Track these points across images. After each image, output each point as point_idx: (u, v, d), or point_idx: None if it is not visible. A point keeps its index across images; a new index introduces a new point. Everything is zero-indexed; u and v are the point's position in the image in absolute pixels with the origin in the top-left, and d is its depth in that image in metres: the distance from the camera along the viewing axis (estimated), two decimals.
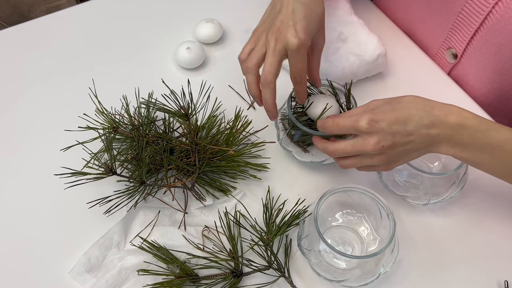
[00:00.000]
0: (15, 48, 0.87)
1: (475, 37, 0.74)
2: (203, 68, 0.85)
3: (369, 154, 0.56)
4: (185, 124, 0.68)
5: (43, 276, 0.64)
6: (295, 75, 0.62)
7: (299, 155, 0.71)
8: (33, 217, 0.68)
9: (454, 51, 0.80)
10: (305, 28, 0.60)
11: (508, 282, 0.64)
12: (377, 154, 0.56)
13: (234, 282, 0.61)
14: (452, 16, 0.76)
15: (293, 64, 0.61)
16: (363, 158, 0.58)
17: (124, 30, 0.90)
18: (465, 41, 0.76)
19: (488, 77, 0.76)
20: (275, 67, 0.60)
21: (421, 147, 0.57)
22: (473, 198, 0.71)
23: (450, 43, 0.80)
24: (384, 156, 0.57)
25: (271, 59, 0.60)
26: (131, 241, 0.66)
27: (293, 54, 0.60)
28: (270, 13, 0.64)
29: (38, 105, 0.80)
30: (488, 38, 0.72)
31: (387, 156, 0.57)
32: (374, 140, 0.55)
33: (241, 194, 0.70)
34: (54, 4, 1.25)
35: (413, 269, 0.65)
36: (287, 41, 0.59)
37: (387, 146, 0.55)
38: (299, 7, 0.60)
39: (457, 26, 0.76)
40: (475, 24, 0.73)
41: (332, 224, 0.67)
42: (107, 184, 0.67)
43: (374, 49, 0.78)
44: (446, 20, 0.78)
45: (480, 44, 0.74)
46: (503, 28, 0.68)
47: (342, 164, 0.60)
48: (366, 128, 0.55)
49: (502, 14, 0.67)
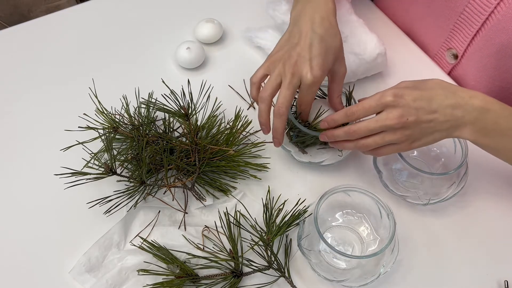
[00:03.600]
0: (15, 48, 0.87)
1: (476, 38, 0.74)
2: (203, 68, 0.85)
3: (392, 129, 0.57)
4: (185, 124, 0.68)
5: (43, 276, 0.64)
6: (301, 106, 0.64)
7: (298, 155, 0.71)
8: (33, 217, 0.68)
9: (454, 52, 0.80)
10: (320, 65, 0.61)
11: (508, 282, 0.64)
12: (400, 128, 0.57)
13: (234, 282, 0.61)
14: (453, 16, 0.76)
15: (302, 96, 0.63)
16: (386, 134, 0.58)
17: (124, 30, 0.90)
18: (466, 42, 0.76)
19: (489, 77, 0.76)
20: (289, 100, 0.61)
21: (444, 128, 0.57)
22: (473, 198, 0.71)
23: (450, 43, 0.80)
24: (407, 132, 0.57)
25: (286, 92, 0.61)
26: (131, 241, 0.66)
27: (306, 88, 0.61)
28: (287, 42, 0.64)
29: (38, 105, 0.80)
30: (489, 38, 0.71)
31: (410, 132, 0.57)
32: (398, 113, 0.56)
33: (241, 194, 0.70)
34: (54, 4, 1.25)
35: (413, 269, 0.65)
36: (302, 76, 0.60)
37: (411, 121, 0.56)
38: (316, 41, 0.62)
39: (458, 26, 0.76)
40: (476, 24, 0.73)
41: (332, 224, 0.67)
42: (107, 184, 0.67)
43: (373, 48, 0.78)
44: (447, 21, 0.78)
45: (481, 44, 0.74)
46: (505, 28, 0.68)
47: (363, 143, 0.60)
48: (392, 101, 0.56)
49: (504, 14, 0.67)
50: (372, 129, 0.58)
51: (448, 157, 0.70)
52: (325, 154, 0.70)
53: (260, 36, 0.86)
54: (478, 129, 0.57)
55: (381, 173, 0.69)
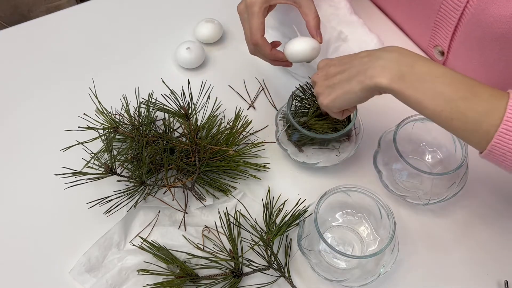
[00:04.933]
0: (15, 48, 0.87)
1: (456, 33, 0.75)
2: (203, 68, 0.85)
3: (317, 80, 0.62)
4: (185, 124, 0.68)
5: (43, 276, 0.64)
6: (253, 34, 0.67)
7: (294, 154, 0.71)
8: (33, 217, 0.68)
9: (440, 49, 0.81)
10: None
11: (508, 282, 0.64)
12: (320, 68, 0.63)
13: (234, 282, 0.61)
14: (432, 14, 0.76)
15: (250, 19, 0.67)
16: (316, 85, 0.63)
17: (124, 30, 0.90)
18: (448, 38, 0.77)
19: (475, 70, 0.76)
20: (257, 27, 0.66)
21: (356, 73, 0.57)
22: (473, 198, 0.71)
23: (435, 40, 0.80)
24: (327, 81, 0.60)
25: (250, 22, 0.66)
26: (131, 241, 0.66)
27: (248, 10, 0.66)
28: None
29: (38, 105, 0.80)
30: (468, 32, 0.72)
31: (328, 82, 0.60)
32: (322, 65, 0.63)
33: (241, 194, 0.70)
34: (54, 4, 1.25)
35: (413, 269, 0.65)
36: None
37: (330, 72, 0.60)
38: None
39: (439, 23, 0.77)
40: (453, 20, 0.73)
41: (332, 224, 0.67)
42: (107, 184, 0.67)
43: (373, 48, 0.78)
44: (428, 19, 0.78)
45: (461, 39, 0.74)
46: (479, 21, 0.68)
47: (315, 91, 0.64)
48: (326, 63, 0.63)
49: (475, 7, 0.67)
50: (312, 81, 0.64)
51: (448, 157, 0.70)
52: (320, 156, 0.69)
53: None
54: (392, 72, 0.53)
55: (381, 173, 0.69)
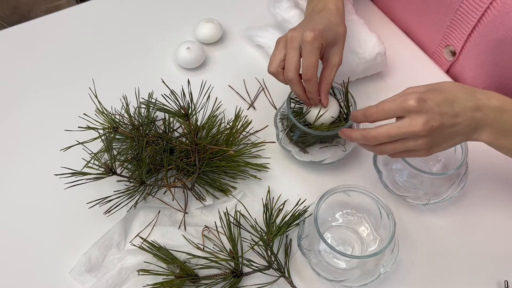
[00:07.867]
0: (15, 48, 0.87)
1: (473, 34, 0.74)
2: (203, 68, 0.85)
3: (415, 136, 0.53)
4: (185, 124, 0.68)
5: (43, 276, 0.64)
6: (306, 71, 0.62)
7: (299, 154, 0.71)
8: (33, 217, 0.68)
9: (452, 49, 0.80)
10: (318, 29, 0.62)
11: (508, 282, 0.64)
12: (423, 136, 0.53)
13: (234, 282, 0.61)
14: (450, 13, 0.76)
15: (305, 56, 0.62)
16: (406, 141, 0.54)
17: (124, 30, 0.90)
18: (463, 38, 0.76)
19: (487, 73, 0.76)
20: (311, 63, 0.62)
21: (464, 132, 0.55)
22: (473, 198, 0.71)
23: (448, 40, 0.80)
24: (430, 139, 0.54)
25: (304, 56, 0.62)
26: (131, 241, 0.66)
27: (306, 46, 0.61)
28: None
29: (38, 105, 0.80)
30: (486, 34, 0.72)
31: (432, 139, 0.54)
32: (423, 119, 0.52)
33: (241, 194, 0.70)
34: (54, 4, 1.25)
35: (413, 269, 0.65)
36: (303, 34, 0.61)
37: (435, 127, 0.52)
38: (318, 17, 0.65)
39: (455, 23, 0.76)
40: (473, 20, 0.73)
41: (332, 224, 0.67)
42: (107, 184, 0.67)
43: (373, 47, 0.78)
44: (444, 18, 0.78)
45: (478, 40, 0.74)
46: (501, 23, 0.68)
47: (381, 149, 0.57)
48: (415, 106, 0.52)
49: (499, 9, 0.67)
50: (393, 136, 0.54)
51: (448, 157, 0.70)
52: (326, 153, 0.70)
53: (260, 34, 0.86)
54: (496, 131, 0.56)
55: (381, 173, 0.69)
